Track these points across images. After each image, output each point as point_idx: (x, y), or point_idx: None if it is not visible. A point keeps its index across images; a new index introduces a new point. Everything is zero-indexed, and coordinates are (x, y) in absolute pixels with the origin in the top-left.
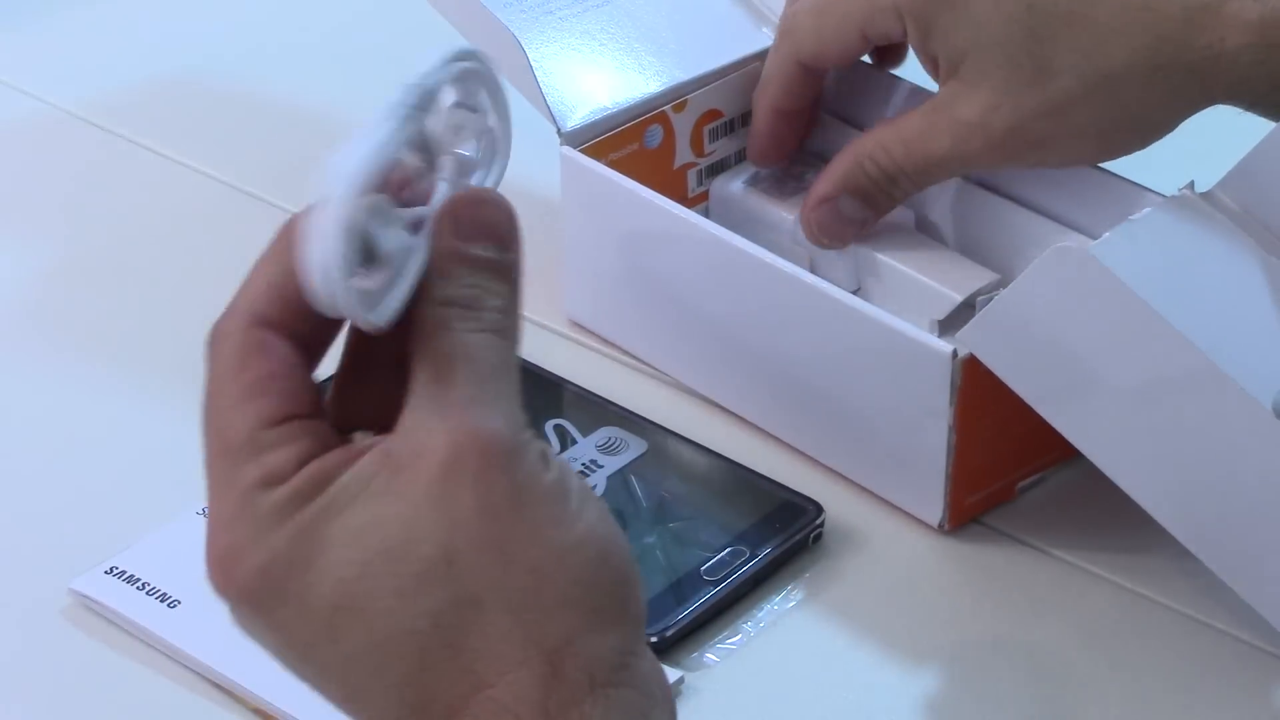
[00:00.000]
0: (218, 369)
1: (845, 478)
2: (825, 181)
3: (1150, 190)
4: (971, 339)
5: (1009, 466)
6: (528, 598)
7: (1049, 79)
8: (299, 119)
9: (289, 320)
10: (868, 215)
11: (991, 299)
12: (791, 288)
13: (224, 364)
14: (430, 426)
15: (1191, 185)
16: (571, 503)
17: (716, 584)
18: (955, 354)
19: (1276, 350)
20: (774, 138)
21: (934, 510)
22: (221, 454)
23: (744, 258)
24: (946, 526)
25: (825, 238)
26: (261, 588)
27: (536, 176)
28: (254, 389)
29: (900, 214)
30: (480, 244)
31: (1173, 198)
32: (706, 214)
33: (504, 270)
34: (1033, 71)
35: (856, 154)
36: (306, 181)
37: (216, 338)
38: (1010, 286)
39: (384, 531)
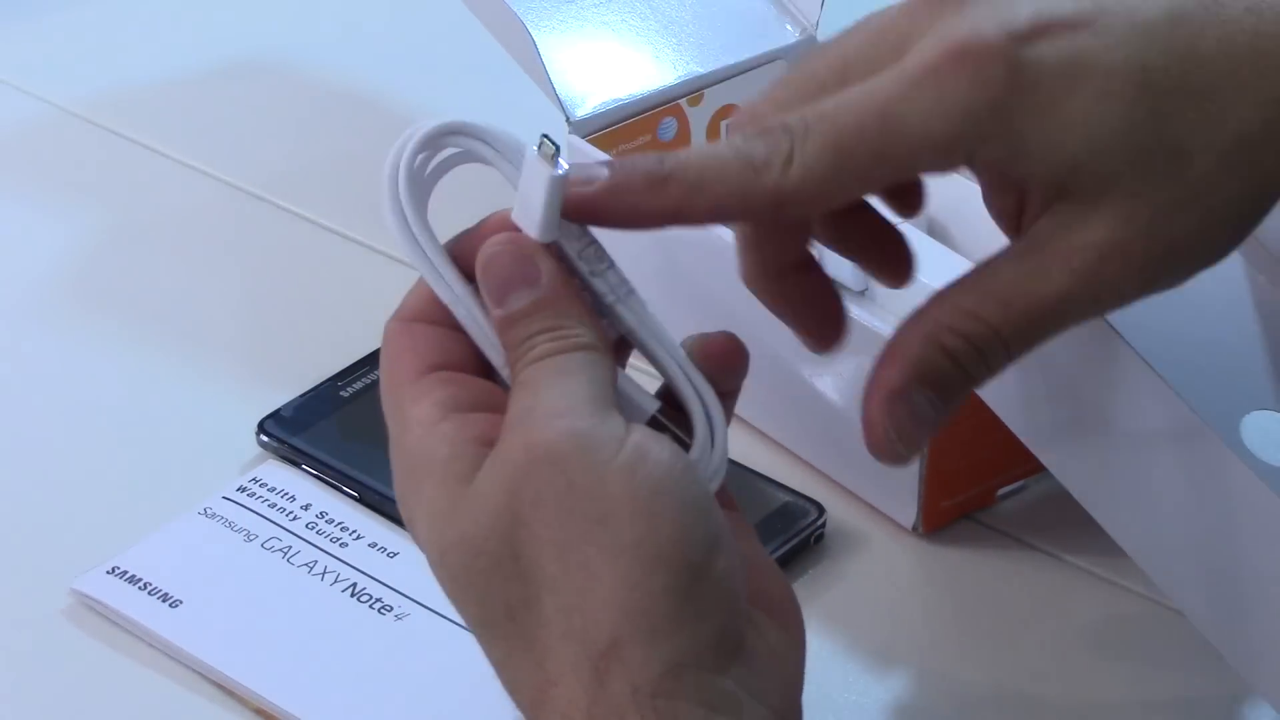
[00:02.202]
0: (382, 359)
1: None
2: (892, 368)
3: None
4: None
5: (988, 472)
6: (577, 597)
7: (1185, 163)
8: (300, 119)
9: (432, 315)
10: (944, 411)
11: None
12: None
13: (383, 353)
14: (505, 438)
15: None
16: (639, 498)
17: None
18: None
19: (1244, 375)
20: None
21: (908, 513)
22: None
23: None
24: (921, 530)
25: (902, 444)
26: (400, 495)
27: None
28: (396, 360)
29: (912, 220)
30: (511, 297)
31: None
32: None
33: (535, 307)
34: (1165, 158)
35: (928, 329)
36: (306, 181)
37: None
38: None
39: (462, 523)
